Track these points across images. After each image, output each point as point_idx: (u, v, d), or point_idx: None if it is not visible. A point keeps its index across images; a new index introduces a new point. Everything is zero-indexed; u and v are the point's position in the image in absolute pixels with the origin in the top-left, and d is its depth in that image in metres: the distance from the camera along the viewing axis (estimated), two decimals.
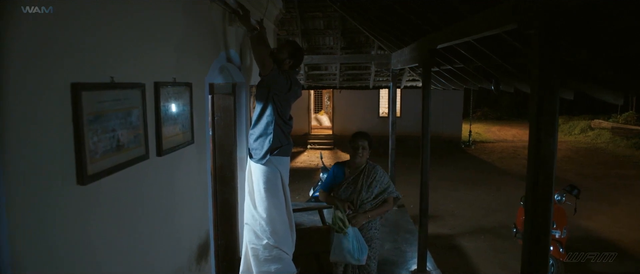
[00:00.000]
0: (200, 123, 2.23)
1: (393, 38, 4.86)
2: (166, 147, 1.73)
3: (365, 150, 2.82)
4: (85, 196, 1.23)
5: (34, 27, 1.04)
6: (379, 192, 2.78)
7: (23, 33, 1.00)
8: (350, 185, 2.83)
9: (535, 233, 1.62)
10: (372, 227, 2.83)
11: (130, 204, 1.52)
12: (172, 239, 1.94)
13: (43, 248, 1.09)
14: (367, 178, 2.80)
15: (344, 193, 2.82)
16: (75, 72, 1.17)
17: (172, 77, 1.84)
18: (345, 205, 2.75)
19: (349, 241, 2.60)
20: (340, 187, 2.85)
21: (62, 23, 1.12)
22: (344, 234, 2.62)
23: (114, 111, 1.34)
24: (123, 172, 1.42)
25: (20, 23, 1.00)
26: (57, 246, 1.14)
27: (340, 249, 2.64)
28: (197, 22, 2.17)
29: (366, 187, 2.78)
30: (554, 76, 1.48)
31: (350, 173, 2.88)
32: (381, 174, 2.84)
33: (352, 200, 2.78)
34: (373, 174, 2.81)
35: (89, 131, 1.19)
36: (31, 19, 1.02)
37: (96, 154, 1.23)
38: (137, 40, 1.54)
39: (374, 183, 2.79)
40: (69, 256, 1.19)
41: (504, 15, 1.70)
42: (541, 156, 1.58)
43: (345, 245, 2.61)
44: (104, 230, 1.35)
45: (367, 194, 2.77)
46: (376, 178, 2.80)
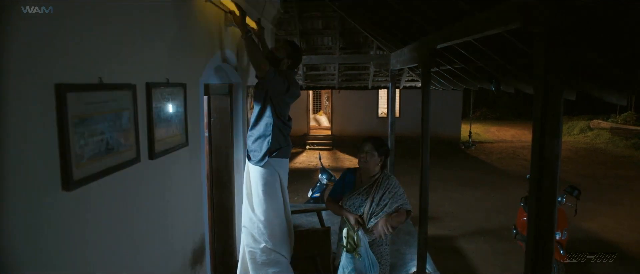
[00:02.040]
0: (194, 125, 2.18)
1: (392, 38, 4.82)
2: (158, 150, 1.68)
3: (370, 156, 2.49)
4: (72, 203, 1.17)
5: (16, 26, 0.98)
6: (391, 205, 2.46)
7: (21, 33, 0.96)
8: (360, 196, 2.52)
9: (539, 239, 1.57)
10: (383, 242, 2.54)
11: (121, 209, 1.47)
12: (165, 245, 1.88)
13: (27, 257, 1.03)
14: (379, 190, 2.49)
15: (353, 205, 2.52)
16: (60, 72, 1.11)
17: (165, 78, 1.79)
18: (356, 222, 2.44)
19: (362, 260, 2.35)
20: (350, 198, 2.54)
21: (45, 20, 1.06)
22: (357, 255, 2.35)
23: (103, 113, 1.28)
24: (113, 177, 1.36)
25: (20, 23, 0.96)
26: (42, 255, 1.08)
27: (350, 268, 2.37)
28: (191, 21, 2.11)
29: (377, 200, 2.47)
30: (560, 77, 1.43)
31: (361, 182, 2.58)
32: (394, 186, 2.51)
33: (361, 213, 2.49)
34: (385, 185, 2.50)
35: (75, 134, 1.13)
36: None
37: (83, 159, 1.18)
38: (127, 40, 1.48)
39: (385, 195, 2.48)
40: (55, 266, 1.14)
41: (509, 13, 1.65)
42: (545, 159, 1.53)
43: (357, 265, 2.36)
44: (93, 237, 1.30)
45: (378, 208, 2.46)
46: (389, 190, 2.49)
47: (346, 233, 2.43)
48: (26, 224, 1.02)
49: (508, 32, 2.14)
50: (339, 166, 11.10)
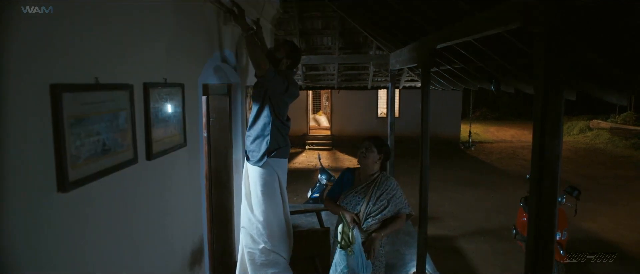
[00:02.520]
0: (193, 125, 2.17)
1: (392, 38, 4.81)
2: (156, 151, 1.67)
3: (369, 152, 2.50)
4: (69, 204, 1.16)
5: (13, 26, 0.97)
6: (387, 206, 2.46)
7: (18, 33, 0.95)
8: (357, 194, 2.51)
9: (539, 240, 1.56)
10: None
11: (119, 210, 1.46)
12: (164, 245, 1.87)
13: (25, 258, 1.02)
14: (377, 190, 2.48)
15: (349, 203, 2.52)
16: (56, 72, 1.10)
17: (163, 78, 1.78)
18: (352, 220, 2.44)
19: (355, 258, 2.32)
20: (347, 195, 2.54)
21: (42, 20, 1.05)
22: (350, 253, 2.34)
23: (99, 113, 1.27)
24: (110, 178, 1.35)
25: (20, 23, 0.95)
26: (38, 257, 1.07)
27: (343, 265, 2.37)
28: (189, 21, 2.10)
29: (374, 200, 2.46)
30: (561, 77, 1.42)
31: (359, 181, 2.58)
32: (393, 187, 2.51)
33: (357, 212, 2.49)
34: (384, 186, 2.49)
35: (70, 134, 1.12)
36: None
37: (79, 159, 1.17)
38: (124, 39, 1.47)
39: (383, 196, 2.47)
40: (54, 267, 1.13)
41: (509, 13, 1.64)
42: (545, 160, 1.52)
43: (350, 262, 2.34)
44: (90, 238, 1.29)
45: (374, 208, 2.46)
46: (387, 191, 2.48)
47: (341, 229, 2.42)
48: (23, 226, 1.01)
49: (508, 32, 2.13)
50: (338, 166, 11.09)
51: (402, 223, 2.52)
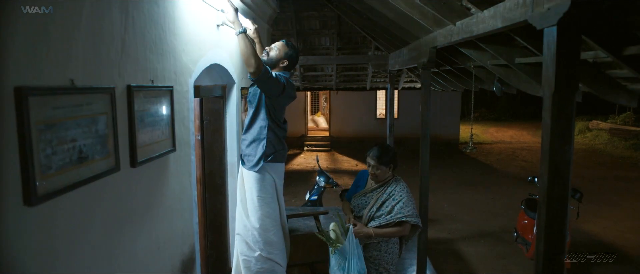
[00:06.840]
0: (183, 129, 2.06)
1: (391, 38, 4.72)
2: (141, 158, 1.56)
3: (375, 169, 2.46)
4: (37, 219, 1.05)
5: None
6: (391, 212, 2.39)
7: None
8: (365, 197, 2.54)
9: (549, 252, 1.46)
10: (371, 247, 2.49)
11: (99, 222, 1.35)
12: (150, 258, 1.77)
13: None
14: (384, 194, 2.47)
15: (357, 205, 2.55)
16: (22, 73, 1.00)
17: (150, 79, 1.68)
18: (348, 218, 2.46)
19: (345, 258, 2.27)
20: (357, 197, 2.58)
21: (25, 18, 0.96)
22: (332, 247, 2.31)
23: (75, 118, 1.17)
24: (87, 188, 1.25)
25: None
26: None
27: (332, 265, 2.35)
28: (180, 20, 2.00)
29: (379, 204, 2.45)
30: (573, 78, 1.32)
31: (371, 184, 2.59)
32: (399, 192, 2.44)
33: (362, 215, 2.49)
34: (391, 192, 2.45)
35: (39, 142, 1.02)
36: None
37: (50, 169, 1.06)
38: (105, 38, 1.37)
39: (388, 202, 2.43)
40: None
41: (517, 10, 1.54)
42: (556, 166, 1.42)
43: (337, 260, 2.31)
44: (64, 256, 1.18)
45: (378, 212, 2.44)
46: (392, 196, 2.43)
47: (333, 226, 2.44)
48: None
49: (512, 31, 2.03)
50: (337, 168, 10.99)
51: (402, 232, 2.44)
